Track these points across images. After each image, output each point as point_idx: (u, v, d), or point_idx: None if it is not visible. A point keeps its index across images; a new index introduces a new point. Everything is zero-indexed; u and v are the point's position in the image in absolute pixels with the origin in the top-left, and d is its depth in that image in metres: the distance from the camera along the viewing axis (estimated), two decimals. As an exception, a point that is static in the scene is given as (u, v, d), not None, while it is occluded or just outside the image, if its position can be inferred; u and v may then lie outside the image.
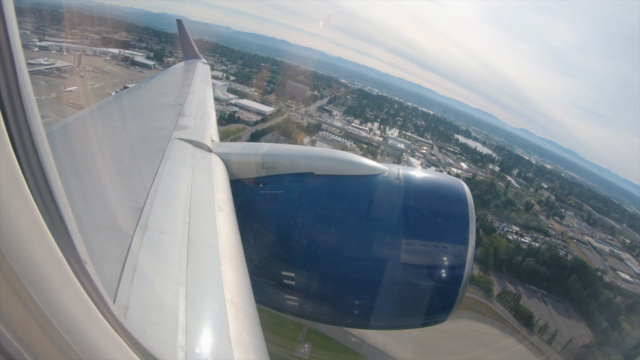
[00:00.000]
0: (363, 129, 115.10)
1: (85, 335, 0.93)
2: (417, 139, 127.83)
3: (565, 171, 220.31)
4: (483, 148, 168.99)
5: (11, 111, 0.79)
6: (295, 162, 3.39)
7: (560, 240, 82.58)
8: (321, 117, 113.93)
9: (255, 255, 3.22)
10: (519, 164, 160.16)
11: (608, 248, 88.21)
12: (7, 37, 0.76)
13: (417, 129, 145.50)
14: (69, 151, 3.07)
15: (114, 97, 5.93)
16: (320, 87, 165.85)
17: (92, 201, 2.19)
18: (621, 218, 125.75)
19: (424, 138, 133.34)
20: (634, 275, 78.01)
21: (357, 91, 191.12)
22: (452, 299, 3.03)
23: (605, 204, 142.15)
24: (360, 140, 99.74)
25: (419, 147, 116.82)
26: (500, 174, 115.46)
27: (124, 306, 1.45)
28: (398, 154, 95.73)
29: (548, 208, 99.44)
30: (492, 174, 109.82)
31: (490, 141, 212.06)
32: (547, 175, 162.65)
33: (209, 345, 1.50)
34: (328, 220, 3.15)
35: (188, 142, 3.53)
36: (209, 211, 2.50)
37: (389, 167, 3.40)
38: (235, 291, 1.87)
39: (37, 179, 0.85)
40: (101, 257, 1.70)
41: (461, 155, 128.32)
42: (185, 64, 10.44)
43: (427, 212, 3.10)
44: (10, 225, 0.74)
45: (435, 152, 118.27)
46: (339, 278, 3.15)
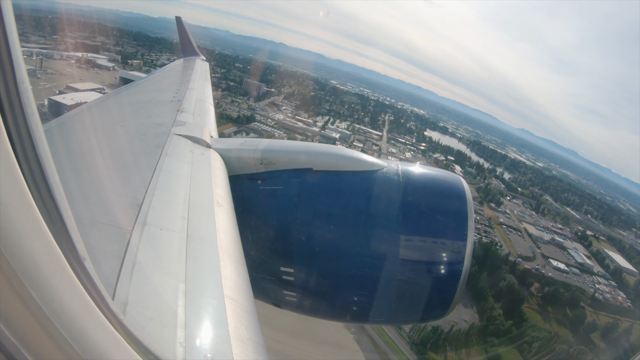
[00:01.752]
0: (306, 121, 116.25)
1: (84, 331, 0.93)
2: (367, 131, 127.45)
3: (558, 169, 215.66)
4: (455, 143, 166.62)
5: (9, 108, 0.79)
6: (294, 158, 3.38)
7: (485, 225, 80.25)
8: (264, 110, 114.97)
9: (254, 251, 3.21)
10: (491, 159, 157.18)
11: (549, 236, 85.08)
12: (5, 36, 0.76)
13: (375, 122, 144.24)
14: (67, 147, 3.04)
15: (113, 94, 5.95)
16: (287, 84, 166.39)
17: (91, 197, 2.17)
18: (597, 212, 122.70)
19: (377, 130, 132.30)
20: (573, 264, 74.86)
21: (332, 90, 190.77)
22: (451, 295, 3.01)
23: (582, 198, 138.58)
24: (294, 130, 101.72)
25: (366, 138, 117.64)
26: (448, 163, 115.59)
27: (123, 302, 1.45)
28: (331, 142, 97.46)
29: (485, 195, 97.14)
30: (436, 163, 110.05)
31: (482, 140, 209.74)
32: (521, 168, 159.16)
33: (208, 341, 1.50)
34: (327, 216, 3.14)
35: (187, 138, 3.51)
36: (207, 207, 2.48)
37: (388, 163, 3.38)
38: (234, 287, 1.87)
39: (35, 176, 0.84)
40: (100, 253, 1.69)
41: (412, 146, 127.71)
42: (184, 60, 10.55)
43: (426, 208, 3.09)
44: (9, 222, 0.74)
45: (381, 143, 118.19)
46: (337, 274, 3.14)
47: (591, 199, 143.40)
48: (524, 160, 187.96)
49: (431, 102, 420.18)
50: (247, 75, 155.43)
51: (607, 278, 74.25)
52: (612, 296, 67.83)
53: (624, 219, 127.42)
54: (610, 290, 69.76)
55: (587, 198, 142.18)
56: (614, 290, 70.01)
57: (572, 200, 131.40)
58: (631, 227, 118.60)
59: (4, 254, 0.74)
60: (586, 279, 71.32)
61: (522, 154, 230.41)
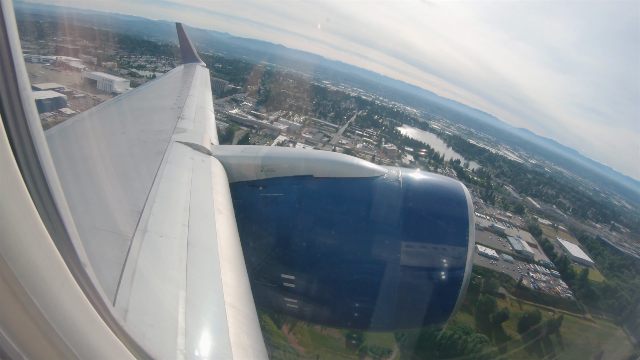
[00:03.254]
0: (259, 115, 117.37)
1: (85, 338, 0.93)
2: (324, 124, 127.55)
3: (553, 166, 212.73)
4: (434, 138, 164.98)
5: (11, 114, 0.79)
6: (295, 165, 3.41)
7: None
8: (221, 106, 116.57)
9: (254, 258, 3.24)
10: (466, 152, 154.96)
11: (488, 224, 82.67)
12: (6, 40, 0.76)
13: (340, 117, 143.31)
14: (68, 154, 3.08)
15: (114, 100, 6.03)
16: (256, 83, 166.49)
17: (92, 204, 2.20)
18: (572, 205, 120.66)
19: (335, 124, 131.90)
20: (509, 251, 72.27)
21: (310, 88, 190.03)
22: (452, 301, 3.02)
23: (562, 191, 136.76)
24: (242, 123, 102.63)
25: (319, 130, 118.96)
26: (398, 152, 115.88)
27: (124, 309, 1.45)
28: (276, 134, 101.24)
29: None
30: (384, 153, 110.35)
31: (473, 137, 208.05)
32: (497, 162, 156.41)
33: (208, 348, 1.50)
34: (327, 223, 3.16)
35: (187, 145, 3.54)
36: (208, 214, 2.50)
37: (388, 170, 3.41)
38: (234, 294, 1.89)
39: (36, 182, 0.84)
40: (101, 260, 1.70)
41: (369, 138, 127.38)
42: (185, 67, 10.58)
43: (427, 214, 3.11)
44: (10, 229, 0.74)
45: (336, 135, 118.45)
46: (338, 280, 3.16)
47: (571, 192, 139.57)
48: (505, 155, 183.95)
49: (428, 102, 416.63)
50: (223, 75, 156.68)
51: (550, 267, 71.35)
52: (548, 285, 64.85)
53: (607, 213, 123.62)
54: (549, 280, 66.72)
55: (567, 192, 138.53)
56: (554, 280, 67.09)
57: (545, 192, 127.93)
58: (610, 220, 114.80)
59: (5, 259, 0.73)
60: (520, 266, 68.72)
61: (515, 152, 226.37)
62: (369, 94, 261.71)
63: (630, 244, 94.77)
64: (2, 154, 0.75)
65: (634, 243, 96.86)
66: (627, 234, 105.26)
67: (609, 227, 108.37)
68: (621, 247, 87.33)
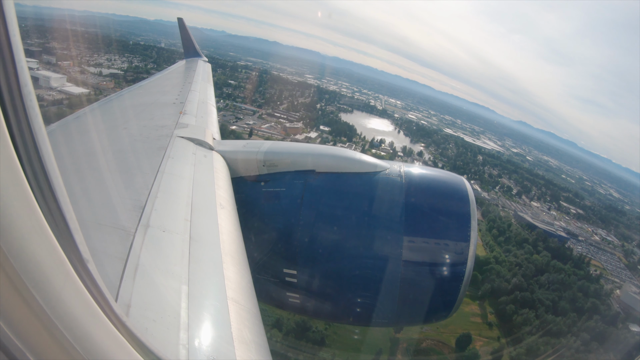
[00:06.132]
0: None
1: (88, 333, 0.93)
2: (245, 108, 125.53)
3: (537, 154, 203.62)
4: (387, 124, 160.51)
5: (12, 110, 0.79)
6: (297, 160, 3.41)
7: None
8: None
9: (257, 253, 3.24)
10: (424, 137, 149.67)
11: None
12: (7, 37, 0.76)
13: (273, 102, 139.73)
14: (70, 150, 3.09)
15: (116, 96, 6.06)
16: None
17: (94, 200, 2.21)
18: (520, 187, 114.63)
19: (259, 109, 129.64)
20: None
21: (269, 78, 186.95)
22: (454, 296, 3.03)
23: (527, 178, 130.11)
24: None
25: (233, 114, 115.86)
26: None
27: (126, 304, 1.45)
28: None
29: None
30: (285, 131, 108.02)
31: (456, 127, 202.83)
32: (460, 148, 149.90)
33: (210, 343, 1.50)
34: (330, 218, 3.16)
35: (189, 140, 3.54)
36: (210, 209, 2.51)
37: (390, 165, 3.40)
38: (237, 289, 1.89)
39: (38, 178, 0.84)
40: (103, 255, 1.70)
41: (287, 120, 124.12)
42: (186, 62, 10.55)
43: (429, 209, 3.11)
44: (12, 224, 0.74)
45: (250, 118, 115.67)
46: (340, 275, 3.16)
47: (527, 175, 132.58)
48: (483, 146, 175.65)
49: (422, 95, 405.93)
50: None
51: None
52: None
53: (566, 196, 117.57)
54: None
55: (523, 176, 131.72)
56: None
57: (489, 173, 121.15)
58: (560, 200, 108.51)
59: (7, 255, 0.74)
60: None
61: (499, 141, 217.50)
62: (355, 87, 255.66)
63: (565, 223, 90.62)
64: (4, 150, 0.75)
65: (576, 223, 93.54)
66: (574, 215, 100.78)
67: (548, 206, 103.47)
68: (540, 223, 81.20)
